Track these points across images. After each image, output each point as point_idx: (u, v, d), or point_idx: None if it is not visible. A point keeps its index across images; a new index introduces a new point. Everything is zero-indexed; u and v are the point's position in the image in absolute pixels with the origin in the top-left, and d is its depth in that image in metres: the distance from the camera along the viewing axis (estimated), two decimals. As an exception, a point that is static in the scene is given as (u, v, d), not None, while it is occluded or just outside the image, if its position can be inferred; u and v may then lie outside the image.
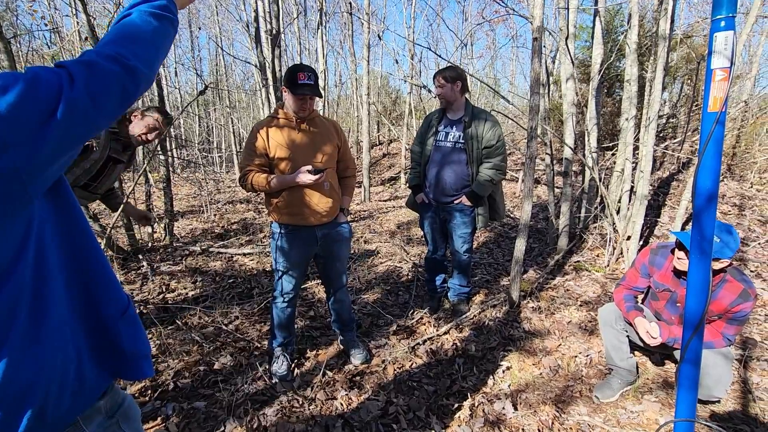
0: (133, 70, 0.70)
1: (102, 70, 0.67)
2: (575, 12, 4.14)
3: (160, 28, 0.79)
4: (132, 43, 0.73)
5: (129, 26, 0.75)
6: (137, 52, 0.72)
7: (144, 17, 0.77)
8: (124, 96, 0.69)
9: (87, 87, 0.64)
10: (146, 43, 0.75)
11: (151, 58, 0.75)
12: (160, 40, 0.78)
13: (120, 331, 0.80)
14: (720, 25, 0.94)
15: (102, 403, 0.80)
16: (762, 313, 2.99)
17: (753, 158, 5.95)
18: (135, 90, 0.71)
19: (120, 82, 0.68)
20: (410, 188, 3.07)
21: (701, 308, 1.09)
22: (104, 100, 0.66)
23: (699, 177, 1.03)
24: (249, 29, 8.69)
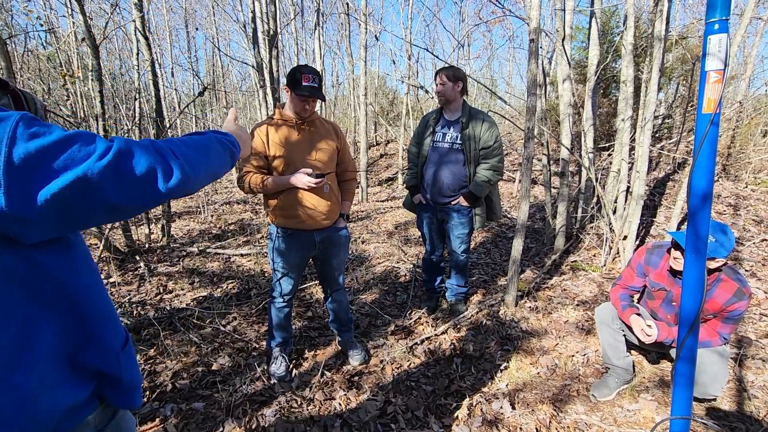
0: (175, 164, 0.70)
1: (142, 147, 0.68)
2: (572, 13, 4.16)
3: (221, 152, 0.85)
4: (189, 147, 0.77)
5: (195, 137, 0.82)
6: (188, 153, 0.75)
7: (212, 137, 0.85)
8: (151, 182, 0.67)
9: (117, 160, 0.63)
10: (201, 152, 0.78)
11: (197, 165, 0.76)
12: (214, 160, 0.82)
13: (121, 362, 0.81)
14: (714, 28, 0.95)
15: (91, 418, 0.78)
16: (757, 312, 3.02)
17: (748, 158, 5.99)
18: (167, 180, 0.69)
19: (153, 166, 0.67)
20: (407, 189, 3.07)
21: (696, 307, 1.11)
22: (129, 177, 0.65)
23: (694, 177, 1.04)
24: (246, 30, 8.67)
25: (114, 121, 8.72)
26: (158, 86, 4.65)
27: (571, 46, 4.29)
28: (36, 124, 0.59)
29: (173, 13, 14.81)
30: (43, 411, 0.68)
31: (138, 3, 4.04)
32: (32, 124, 0.59)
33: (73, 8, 7.36)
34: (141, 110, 7.11)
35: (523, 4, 4.61)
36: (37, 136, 0.58)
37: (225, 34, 14.74)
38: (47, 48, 8.48)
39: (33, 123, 0.59)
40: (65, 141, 0.60)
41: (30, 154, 0.56)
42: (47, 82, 8.13)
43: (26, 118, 0.59)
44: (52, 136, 0.59)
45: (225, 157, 0.87)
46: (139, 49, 6.79)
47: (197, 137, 0.82)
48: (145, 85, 8.30)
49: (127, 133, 6.90)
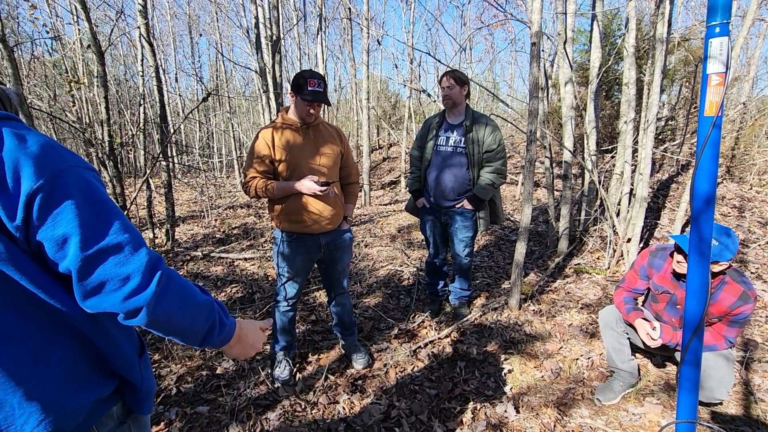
0: (151, 296, 0.72)
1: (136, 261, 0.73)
2: (573, 16, 4.17)
3: (201, 324, 0.82)
4: (178, 297, 0.77)
5: (193, 294, 0.81)
6: (171, 304, 0.76)
7: (209, 306, 0.83)
8: (116, 294, 0.71)
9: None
10: (183, 311, 0.78)
11: (169, 316, 0.76)
12: (187, 322, 0.80)
13: (140, 371, 0.87)
14: (715, 31, 0.96)
15: (115, 409, 0.85)
16: (763, 315, 3.00)
17: (752, 160, 5.97)
18: (126, 302, 0.71)
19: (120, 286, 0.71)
20: (410, 193, 3.07)
21: (701, 310, 1.10)
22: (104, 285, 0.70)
23: (696, 180, 1.04)
24: (249, 35, 8.74)
25: (119, 127, 8.79)
26: (162, 92, 4.69)
27: (572, 49, 4.29)
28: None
29: (177, 20, 14.94)
30: (73, 405, 0.76)
31: (142, 10, 4.09)
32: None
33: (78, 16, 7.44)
34: (145, 115, 7.16)
35: (525, 7, 4.63)
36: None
37: (228, 39, 14.85)
38: (53, 55, 8.57)
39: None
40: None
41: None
42: (53, 89, 8.21)
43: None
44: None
45: (198, 326, 0.82)
46: (144, 55, 6.85)
47: (194, 298, 0.81)
48: (150, 90, 8.36)
49: (132, 138, 6.95)
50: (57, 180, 0.67)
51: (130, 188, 6.97)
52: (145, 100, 6.45)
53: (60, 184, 0.68)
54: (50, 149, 0.69)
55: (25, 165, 0.65)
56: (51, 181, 0.67)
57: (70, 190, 0.69)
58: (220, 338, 0.87)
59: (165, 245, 4.67)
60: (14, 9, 8.06)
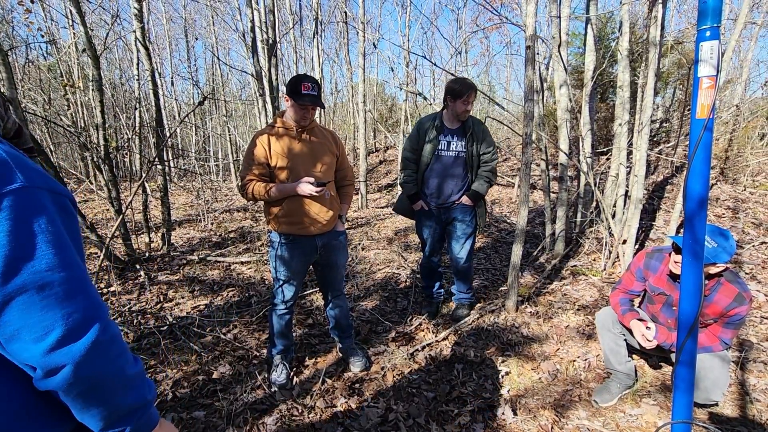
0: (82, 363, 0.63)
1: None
2: (567, 20, 4.20)
3: (129, 399, 0.71)
4: (114, 361, 0.68)
5: (131, 360, 0.72)
6: (104, 367, 0.66)
7: (142, 378, 0.74)
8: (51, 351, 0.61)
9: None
10: (115, 380, 0.68)
11: (96, 383, 0.66)
12: (112, 396, 0.69)
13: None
14: (705, 35, 0.97)
15: None
16: (758, 316, 3.02)
17: (746, 161, 6.01)
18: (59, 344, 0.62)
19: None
20: (408, 197, 3.02)
21: (695, 311, 1.11)
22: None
23: (689, 182, 1.05)
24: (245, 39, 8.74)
25: (114, 130, 8.77)
26: (158, 95, 4.69)
27: (567, 52, 4.32)
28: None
29: (173, 23, 14.93)
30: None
31: (138, 13, 4.09)
32: None
33: (73, 19, 7.43)
34: (141, 119, 7.14)
35: (520, 11, 4.66)
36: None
37: (224, 43, 14.85)
38: (48, 58, 8.55)
39: None
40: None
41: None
42: (48, 92, 8.18)
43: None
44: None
45: (125, 402, 0.70)
46: (140, 58, 6.84)
47: (136, 367, 0.73)
48: (146, 94, 8.35)
49: (128, 142, 6.93)
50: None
51: (125, 192, 6.94)
52: (141, 103, 6.44)
53: (0, 205, 0.59)
54: (2, 167, 0.61)
55: None
56: None
57: (9, 213, 0.59)
58: (145, 421, 0.74)
59: (161, 249, 4.65)
60: (9, 13, 8.03)
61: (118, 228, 3.89)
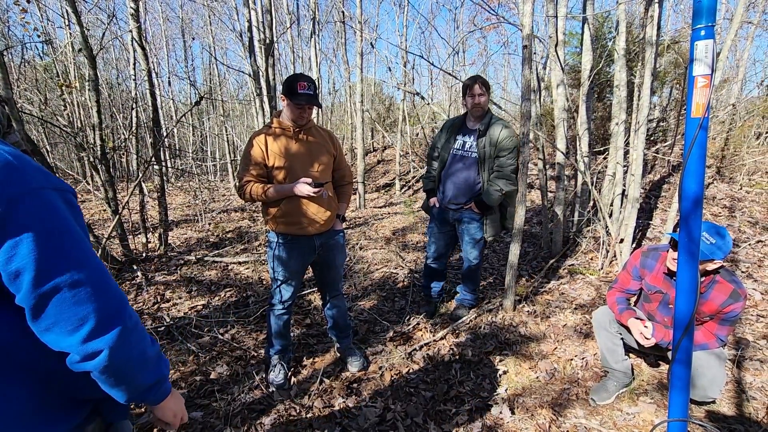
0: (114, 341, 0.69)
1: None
2: (564, 20, 4.21)
3: (150, 375, 0.80)
4: (140, 344, 0.75)
5: (150, 342, 0.79)
6: (132, 350, 0.73)
7: (159, 357, 0.82)
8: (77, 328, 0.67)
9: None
10: (141, 360, 0.76)
11: (127, 363, 0.73)
12: (138, 373, 0.77)
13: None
14: (700, 34, 0.97)
15: (90, 428, 0.81)
16: (754, 314, 3.03)
17: (742, 160, 6.04)
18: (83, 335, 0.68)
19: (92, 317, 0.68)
20: (425, 192, 3.12)
21: (690, 309, 1.11)
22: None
23: (685, 181, 1.06)
24: (243, 39, 8.73)
25: (111, 131, 8.74)
26: (155, 95, 4.67)
27: (564, 52, 4.33)
28: None
29: (170, 23, 14.90)
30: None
31: (135, 13, 4.07)
32: None
33: (69, 19, 7.39)
34: (138, 119, 7.12)
35: (517, 10, 4.67)
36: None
37: (222, 43, 14.83)
38: (44, 59, 8.51)
39: None
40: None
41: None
42: (44, 93, 8.15)
43: None
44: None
45: (147, 378, 0.79)
46: (136, 58, 6.82)
47: (155, 347, 0.81)
48: (142, 94, 8.33)
49: (124, 142, 6.91)
50: (14, 207, 0.61)
51: (122, 192, 6.92)
52: (138, 103, 6.42)
53: (18, 212, 0.61)
54: (11, 170, 0.62)
55: None
56: (8, 208, 0.60)
57: (30, 219, 0.62)
58: (160, 393, 0.83)
59: (158, 250, 4.63)
60: (4, 13, 8.00)
61: (115, 228, 3.87)
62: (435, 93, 14.14)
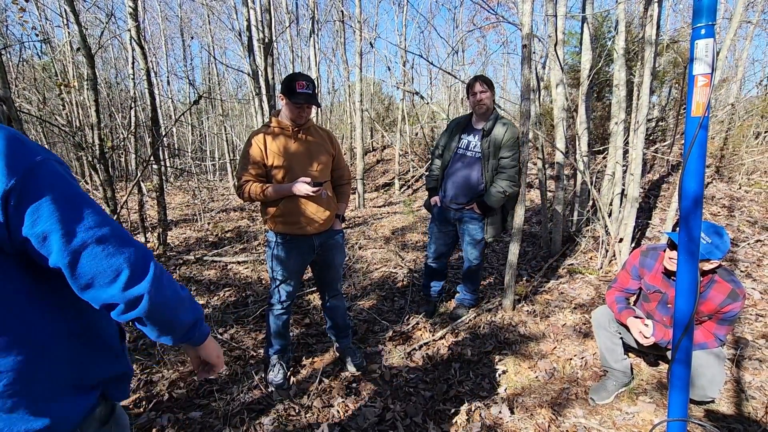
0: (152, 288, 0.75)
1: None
2: (563, 19, 4.21)
3: (190, 315, 0.87)
4: (171, 286, 0.82)
5: (179, 286, 0.86)
6: (167, 292, 0.79)
7: (191, 299, 0.89)
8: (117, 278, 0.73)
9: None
10: (177, 301, 0.83)
11: (166, 305, 0.80)
12: (179, 313, 0.84)
13: (126, 356, 0.91)
14: (700, 33, 0.97)
15: (97, 411, 0.85)
16: (753, 313, 3.03)
17: (741, 160, 6.04)
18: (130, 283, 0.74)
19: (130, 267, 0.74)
20: (427, 190, 3.12)
21: (690, 308, 1.11)
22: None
23: (684, 180, 1.05)
24: (242, 38, 8.71)
25: (110, 130, 8.72)
26: (154, 95, 4.66)
27: (563, 51, 4.33)
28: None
29: (169, 22, 14.87)
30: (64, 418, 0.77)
31: (133, 12, 4.06)
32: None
33: (68, 18, 7.38)
34: (136, 119, 7.11)
35: (516, 10, 4.66)
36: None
37: (221, 42, 14.80)
38: (42, 58, 8.48)
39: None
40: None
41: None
42: (42, 92, 8.13)
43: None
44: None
45: (188, 317, 0.87)
46: (135, 58, 6.80)
47: (185, 290, 0.87)
48: (141, 93, 8.31)
49: (123, 142, 6.89)
50: (30, 176, 0.66)
51: (121, 192, 6.91)
52: (136, 103, 6.41)
53: (34, 180, 0.66)
54: (19, 144, 0.67)
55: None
56: (24, 178, 0.65)
57: (45, 185, 0.67)
58: (201, 332, 0.91)
59: (157, 249, 4.62)
60: (2, 12, 7.97)
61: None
62: (434, 92, 14.14)
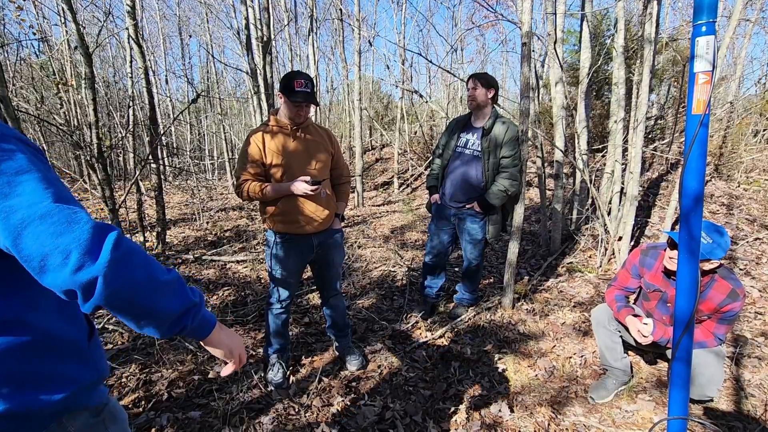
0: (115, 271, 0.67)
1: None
2: (563, 17, 4.20)
3: (175, 302, 0.76)
4: (143, 268, 0.71)
5: (160, 268, 0.75)
6: (135, 274, 0.70)
7: (179, 282, 0.78)
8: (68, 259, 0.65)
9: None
10: (151, 284, 0.72)
11: (135, 290, 0.70)
12: (158, 299, 0.73)
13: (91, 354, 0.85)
14: (701, 30, 0.96)
15: (80, 414, 0.81)
16: (752, 311, 3.04)
17: (739, 158, 6.05)
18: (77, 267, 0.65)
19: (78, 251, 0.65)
20: (427, 189, 3.12)
21: (690, 307, 1.11)
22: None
23: (685, 178, 1.05)
24: (240, 36, 8.69)
25: (108, 129, 8.69)
26: (152, 93, 4.64)
27: (563, 50, 4.32)
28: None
29: (167, 21, 14.82)
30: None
31: (131, 11, 4.04)
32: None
33: (65, 17, 7.35)
34: (135, 118, 7.08)
35: (515, 8, 4.65)
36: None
37: (219, 40, 14.77)
38: (40, 56, 8.45)
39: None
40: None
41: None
42: (40, 91, 8.10)
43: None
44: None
45: (172, 305, 0.76)
46: (133, 56, 6.78)
47: (169, 274, 0.77)
48: (139, 92, 8.28)
49: (121, 141, 6.87)
50: None
51: (119, 191, 6.89)
52: (135, 102, 6.38)
53: None
54: None
55: None
56: None
57: None
58: (199, 323, 0.80)
59: (156, 249, 4.61)
60: (0, 10, 7.93)
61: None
62: (433, 91, 14.14)
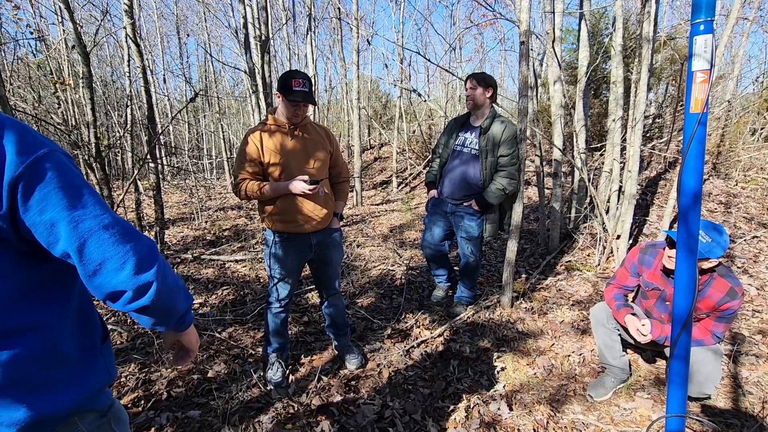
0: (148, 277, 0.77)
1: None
2: (561, 15, 4.20)
3: (183, 302, 0.91)
4: (172, 274, 0.84)
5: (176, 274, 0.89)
6: (169, 280, 0.82)
7: (185, 287, 0.91)
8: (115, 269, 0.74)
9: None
10: (176, 289, 0.86)
11: (169, 293, 0.82)
12: (176, 301, 0.87)
13: (105, 358, 0.91)
14: (699, 29, 0.97)
15: (90, 415, 0.85)
16: (750, 309, 3.05)
17: (737, 156, 6.07)
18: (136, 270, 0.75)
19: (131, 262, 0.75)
20: (426, 185, 3.16)
21: (689, 305, 1.11)
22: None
23: (683, 177, 1.05)
24: (238, 35, 8.66)
25: (106, 129, 8.67)
26: (150, 93, 4.62)
27: (561, 48, 4.33)
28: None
29: (164, 20, 14.77)
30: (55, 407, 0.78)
31: (128, 10, 4.03)
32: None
33: (63, 16, 7.31)
34: (133, 117, 7.07)
35: (514, 7, 4.65)
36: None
37: (217, 39, 14.72)
38: (37, 56, 8.42)
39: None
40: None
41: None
42: (37, 90, 8.07)
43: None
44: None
45: (182, 304, 0.90)
46: (131, 55, 6.75)
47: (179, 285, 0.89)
48: (137, 91, 8.25)
49: (119, 140, 6.86)
50: (38, 165, 0.67)
51: (117, 191, 6.88)
52: (133, 101, 6.36)
53: (41, 169, 0.68)
54: (28, 135, 0.69)
55: (5, 152, 0.65)
56: (32, 167, 0.67)
57: (52, 174, 0.69)
58: (190, 318, 0.95)
59: (154, 248, 4.61)
60: (-4, 10, 7.88)
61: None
62: (432, 90, 14.12)
